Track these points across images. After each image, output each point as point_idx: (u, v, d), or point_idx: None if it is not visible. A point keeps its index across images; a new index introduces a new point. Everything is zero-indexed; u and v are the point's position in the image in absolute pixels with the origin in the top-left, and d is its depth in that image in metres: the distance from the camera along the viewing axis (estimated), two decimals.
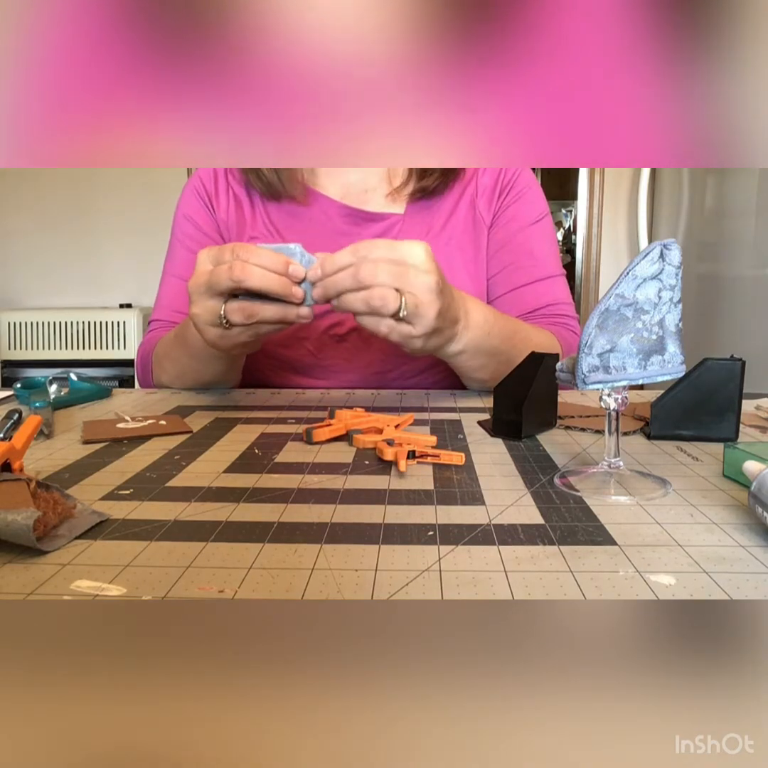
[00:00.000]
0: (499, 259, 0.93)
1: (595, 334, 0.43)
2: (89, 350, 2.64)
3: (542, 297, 0.91)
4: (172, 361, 0.85)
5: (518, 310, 0.91)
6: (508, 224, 0.93)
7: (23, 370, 2.58)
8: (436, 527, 0.39)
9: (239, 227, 0.93)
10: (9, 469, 0.43)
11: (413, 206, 0.93)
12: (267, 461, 0.52)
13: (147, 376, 0.92)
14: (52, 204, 2.78)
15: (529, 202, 0.94)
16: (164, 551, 0.36)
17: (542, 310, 0.91)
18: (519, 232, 0.92)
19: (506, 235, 0.92)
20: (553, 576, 0.33)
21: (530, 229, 0.93)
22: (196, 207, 0.95)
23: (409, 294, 0.60)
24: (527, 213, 0.93)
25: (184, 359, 0.81)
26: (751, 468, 0.41)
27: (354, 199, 0.93)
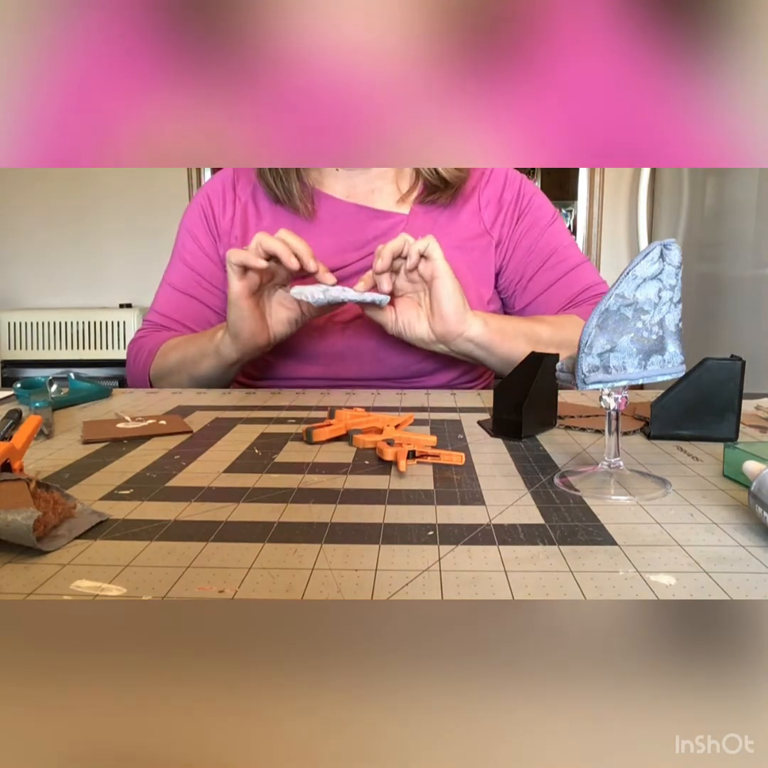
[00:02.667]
0: (529, 266, 0.97)
1: (595, 334, 0.43)
2: (89, 350, 2.64)
3: (575, 286, 0.96)
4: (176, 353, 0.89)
5: (556, 305, 0.95)
6: (530, 232, 0.97)
7: (23, 370, 2.58)
8: (436, 527, 0.39)
9: (243, 233, 0.96)
10: (9, 469, 0.43)
11: (418, 208, 0.94)
12: (267, 461, 0.52)
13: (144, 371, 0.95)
14: (52, 204, 2.77)
15: (540, 208, 0.99)
16: (164, 551, 0.36)
17: (577, 297, 0.95)
18: (540, 237, 0.97)
19: (531, 242, 0.97)
20: (553, 576, 0.33)
21: (549, 231, 0.97)
22: (199, 225, 1.00)
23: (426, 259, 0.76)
24: (543, 217, 0.98)
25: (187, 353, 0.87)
26: (751, 468, 0.41)
27: (360, 198, 0.95)
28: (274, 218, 0.95)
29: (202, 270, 0.98)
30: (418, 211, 0.94)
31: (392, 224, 0.93)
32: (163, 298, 1.00)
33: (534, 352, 0.61)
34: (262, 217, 0.96)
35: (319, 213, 0.94)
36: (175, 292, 0.99)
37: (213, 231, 0.98)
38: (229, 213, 0.97)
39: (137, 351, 0.97)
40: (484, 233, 0.95)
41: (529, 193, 0.98)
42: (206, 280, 0.98)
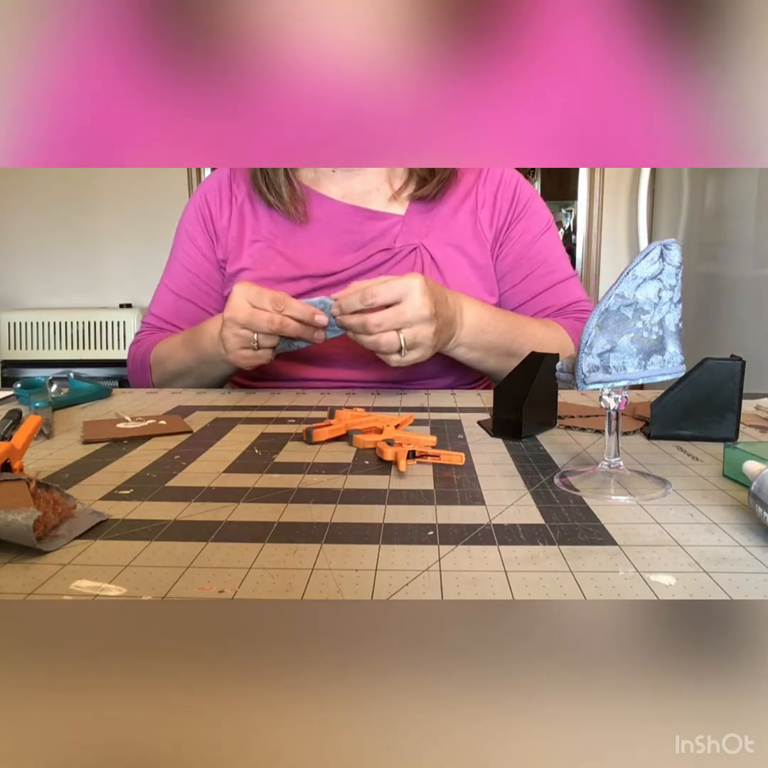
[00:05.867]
0: (517, 272, 0.97)
1: (595, 334, 0.43)
2: (89, 350, 2.64)
3: (562, 299, 0.96)
4: (175, 363, 0.90)
5: (541, 314, 0.96)
6: (522, 237, 0.97)
7: (23, 370, 2.58)
8: (436, 527, 0.39)
9: (240, 232, 0.96)
10: (9, 469, 0.43)
11: (414, 208, 0.94)
12: (267, 461, 0.52)
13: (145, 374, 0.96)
14: (52, 204, 2.77)
15: (535, 214, 0.98)
16: (164, 551, 0.36)
17: (562, 310, 0.96)
18: (533, 244, 0.97)
19: (522, 248, 0.97)
20: (553, 576, 0.33)
21: (542, 239, 0.98)
22: (196, 226, 1.00)
23: (407, 331, 0.73)
24: (537, 224, 0.98)
25: (191, 362, 0.88)
26: (751, 468, 0.41)
27: (356, 198, 0.95)
28: (271, 219, 0.95)
29: (200, 271, 0.98)
30: (413, 212, 0.94)
31: (389, 225, 0.93)
32: (160, 301, 1.01)
33: (534, 352, 0.61)
34: (258, 218, 0.96)
35: (314, 214, 0.94)
36: (172, 295, 0.99)
37: (210, 231, 0.98)
38: (226, 213, 0.98)
39: (134, 353, 0.98)
40: (479, 233, 0.95)
41: (525, 198, 0.98)
42: (203, 281, 0.99)
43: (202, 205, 0.99)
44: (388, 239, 0.92)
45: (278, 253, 0.92)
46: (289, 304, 0.74)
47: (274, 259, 0.92)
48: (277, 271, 0.91)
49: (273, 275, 0.91)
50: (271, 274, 0.91)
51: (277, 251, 0.93)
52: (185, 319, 0.98)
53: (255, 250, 0.93)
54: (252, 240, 0.94)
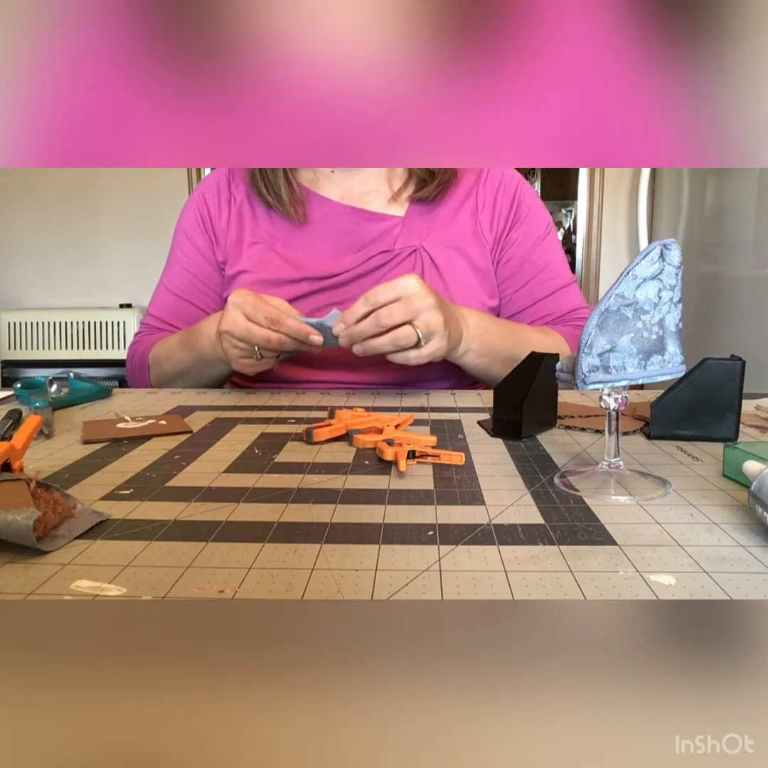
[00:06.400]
0: (519, 277, 0.96)
1: (595, 334, 0.43)
2: (89, 350, 2.64)
3: (562, 306, 0.96)
4: (173, 363, 0.90)
5: (541, 321, 0.96)
6: (523, 241, 0.96)
7: (23, 370, 2.58)
8: (436, 527, 0.39)
9: (239, 234, 0.96)
10: (9, 469, 0.43)
11: (414, 209, 0.94)
12: (267, 461, 0.52)
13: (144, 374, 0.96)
14: (52, 204, 2.77)
15: (536, 217, 0.98)
16: (164, 551, 0.36)
17: (562, 317, 0.96)
18: (534, 249, 0.97)
19: (523, 253, 0.96)
20: (553, 576, 0.33)
21: (543, 244, 0.97)
22: (195, 226, 0.99)
23: (419, 321, 0.72)
24: (537, 228, 0.98)
25: (189, 363, 0.88)
26: (751, 468, 0.41)
27: (355, 200, 0.94)
28: (270, 220, 0.95)
29: (198, 272, 0.98)
30: (413, 213, 0.93)
31: (388, 227, 0.92)
32: (159, 302, 1.01)
33: (534, 352, 0.61)
34: (257, 219, 0.95)
35: (313, 215, 0.94)
36: (171, 296, 0.99)
37: (209, 233, 0.98)
38: (224, 214, 0.97)
39: (133, 353, 0.99)
40: (479, 235, 0.95)
41: (525, 200, 0.97)
42: (202, 282, 0.98)
43: (201, 205, 0.99)
44: (388, 241, 0.92)
45: (277, 255, 0.92)
46: (284, 322, 0.74)
47: (273, 261, 0.92)
48: (276, 274, 0.91)
49: (272, 277, 0.91)
50: (270, 276, 0.91)
51: (276, 253, 0.92)
52: (184, 320, 0.98)
53: (254, 253, 0.93)
54: (251, 242, 0.94)
